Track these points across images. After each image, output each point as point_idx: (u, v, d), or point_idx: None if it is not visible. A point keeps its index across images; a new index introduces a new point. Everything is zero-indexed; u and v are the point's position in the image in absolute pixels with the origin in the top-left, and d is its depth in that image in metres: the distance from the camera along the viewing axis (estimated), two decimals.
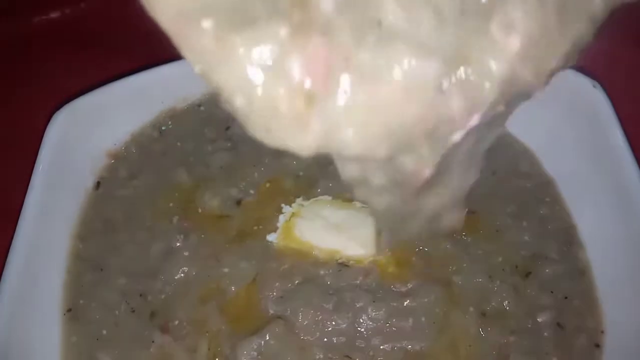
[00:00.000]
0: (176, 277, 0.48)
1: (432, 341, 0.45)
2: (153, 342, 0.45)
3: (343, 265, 0.49)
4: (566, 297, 0.48)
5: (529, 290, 0.48)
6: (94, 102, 0.53)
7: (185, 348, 0.45)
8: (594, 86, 0.51)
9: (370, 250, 0.49)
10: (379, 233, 0.51)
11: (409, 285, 0.47)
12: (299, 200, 0.53)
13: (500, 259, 0.50)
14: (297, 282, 0.47)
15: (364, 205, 0.53)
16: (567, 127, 0.52)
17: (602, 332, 0.46)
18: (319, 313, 0.46)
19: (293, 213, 0.52)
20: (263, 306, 0.47)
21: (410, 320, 0.45)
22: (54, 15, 0.74)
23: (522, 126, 0.56)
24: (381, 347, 0.45)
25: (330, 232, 0.50)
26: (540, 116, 0.54)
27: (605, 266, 0.48)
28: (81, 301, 0.48)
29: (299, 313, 0.46)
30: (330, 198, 0.53)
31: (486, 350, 0.45)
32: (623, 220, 0.47)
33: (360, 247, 0.49)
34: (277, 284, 0.47)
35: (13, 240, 0.46)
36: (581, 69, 0.52)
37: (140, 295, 0.47)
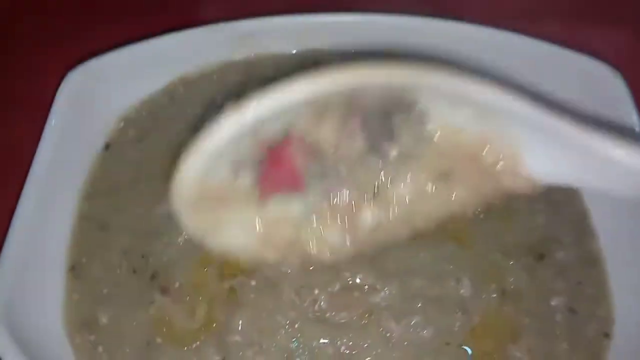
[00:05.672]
0: (178, 240, 0.47)
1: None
2: (152, 303, 0.45)
3: None
4: (579, 283, 0.47)
5: (542, 273, 0.47)
6: (109, 64, 0.53)
7: (183, 310, 0.44)
8: (615, 76, 0.50)
9: None
10: None
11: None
12: None
13: (513, 238, 0.48)
14: None
15: None
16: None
17: (613, 321, 0.45)
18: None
19: None
20: None
21: None
22: None
23: None
24: None
25: None
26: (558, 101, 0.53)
27: (617, 256, 0.47)
28: (84, 259, 0.47)
29: None
30: None
31: (500, 328, 0.44)
32: (635, 213, 0.46)
33: None
34: None
35: (21, 197, 0.45)
36: (602, 57, 0.51)
37: (142, 256, 0.47)
